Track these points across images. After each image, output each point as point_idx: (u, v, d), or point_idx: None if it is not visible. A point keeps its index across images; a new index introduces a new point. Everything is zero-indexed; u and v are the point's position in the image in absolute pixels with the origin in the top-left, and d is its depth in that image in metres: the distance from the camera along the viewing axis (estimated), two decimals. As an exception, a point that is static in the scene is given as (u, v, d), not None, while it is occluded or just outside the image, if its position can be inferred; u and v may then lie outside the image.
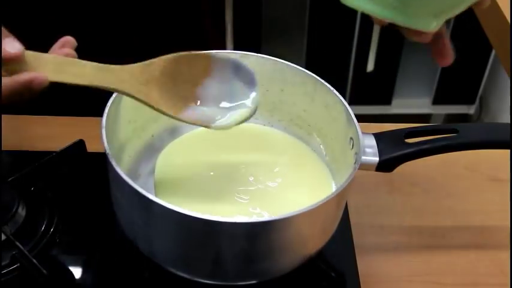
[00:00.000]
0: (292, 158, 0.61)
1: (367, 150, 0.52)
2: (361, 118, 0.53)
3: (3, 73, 0.45)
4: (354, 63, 1.77)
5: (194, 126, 0.62)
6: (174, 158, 0.60)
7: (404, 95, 1.91)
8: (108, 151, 0.47)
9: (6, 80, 0.45)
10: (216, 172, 0.58)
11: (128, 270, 0.56)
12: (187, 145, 0.61)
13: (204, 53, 0.53)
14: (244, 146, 0.62)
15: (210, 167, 0.59)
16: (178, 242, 0.49)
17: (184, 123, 0.53)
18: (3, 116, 0.65)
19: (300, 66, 0.58)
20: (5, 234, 0.54)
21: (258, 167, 0.59)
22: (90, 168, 0.63)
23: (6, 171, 0.59)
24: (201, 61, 0.53)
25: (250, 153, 0.61)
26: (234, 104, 0.53)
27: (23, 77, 0.45)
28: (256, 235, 0.46)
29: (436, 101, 1.91)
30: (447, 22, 0.50)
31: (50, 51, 0.49)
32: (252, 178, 0.58)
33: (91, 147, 0.63)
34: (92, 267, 0.57)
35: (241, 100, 0.53)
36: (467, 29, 1.66)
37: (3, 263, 0.53)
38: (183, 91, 0.52)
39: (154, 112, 0.59)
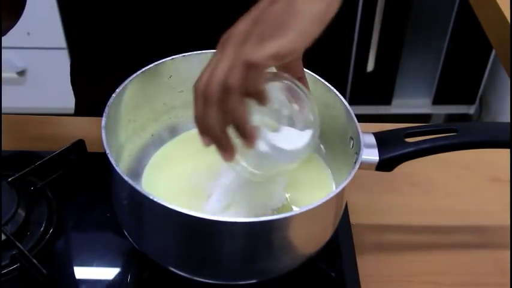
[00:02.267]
0: (292, 157, 0.61)
1: (367, 149, 0.52)
2: (361, 118, 0.53)
3: None
4: (354, 63, 1.77)
5: (193, 125, 0.62)
6: (167, 159, 0.60)
7: (404, 95, 1.91)
8: (108, 151, 0.47)
9: None
10: (215, 171, 0.58)
11: (128, 270, 0.56)
12: (186, 144, 0.61)
13: None
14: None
15: (209, 166, 0.59)
16: (178, 242, 0.49)
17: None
18: (3, 116, 0.65)
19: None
20: (5, 234, 0.54)
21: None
22: (90, 168, 0.63)
23: (6, 171, 0.59)
24: None
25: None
26: None
27: None
28: (256, 235, 0.46)
29: (436, 101, 1.90)
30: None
31: None
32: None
33: (91, 147, 0.63)
34: (92, 267, 0.57)
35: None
36: (467, 29, 1.66)
37: (3, 263, 0.53)
38: None
39: (154, 112, 0.60)
